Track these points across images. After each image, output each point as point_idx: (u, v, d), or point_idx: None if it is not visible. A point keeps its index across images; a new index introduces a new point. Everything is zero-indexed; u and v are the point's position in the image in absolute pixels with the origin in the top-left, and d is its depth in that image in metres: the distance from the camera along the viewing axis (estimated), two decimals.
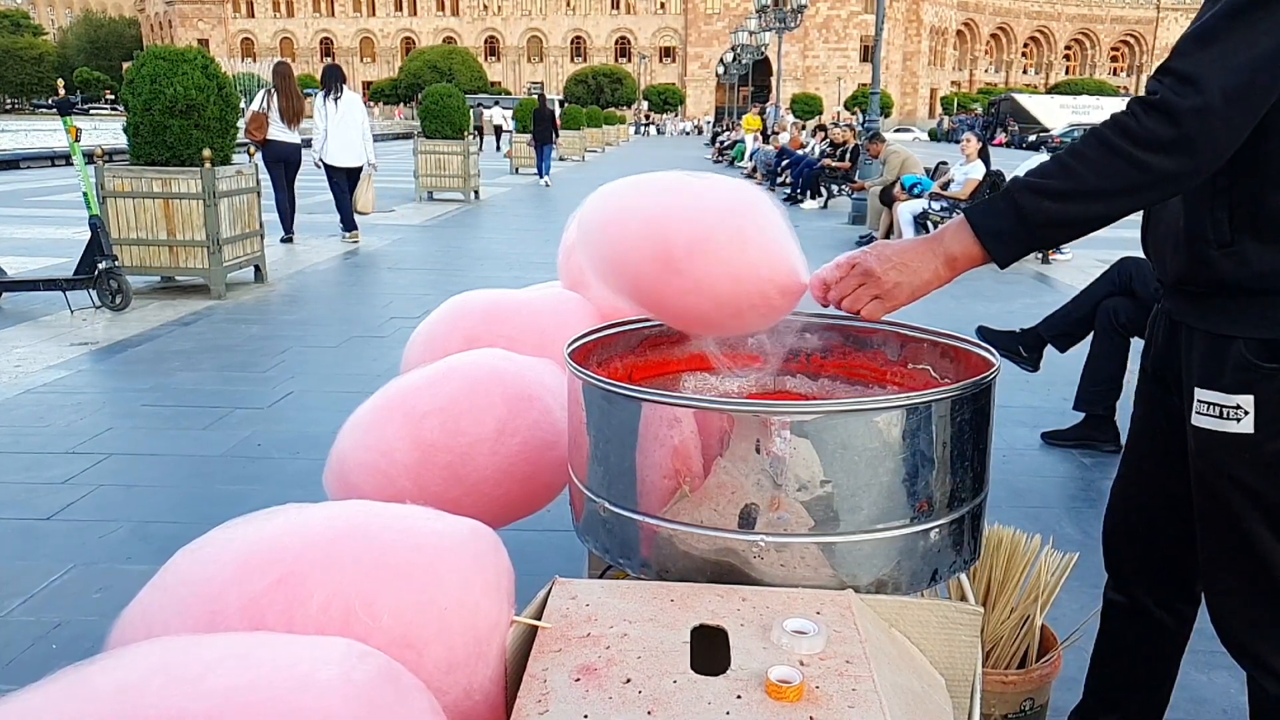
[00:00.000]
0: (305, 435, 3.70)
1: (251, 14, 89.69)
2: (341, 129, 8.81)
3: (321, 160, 8.86)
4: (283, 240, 8.72)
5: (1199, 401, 1.35)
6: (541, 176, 17.39)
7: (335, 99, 8.79)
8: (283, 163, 8.54)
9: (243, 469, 3.37)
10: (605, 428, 1.34)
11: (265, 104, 8.44)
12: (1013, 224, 1.25)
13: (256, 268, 6.87)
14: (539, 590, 1.23)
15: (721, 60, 56.49)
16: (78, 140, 5.66)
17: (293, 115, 8.53)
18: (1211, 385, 1.33)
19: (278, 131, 8.51)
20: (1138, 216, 1.54)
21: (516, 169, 19.76)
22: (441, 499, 1.69)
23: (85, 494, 3.07)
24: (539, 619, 1.13)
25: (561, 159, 20.88)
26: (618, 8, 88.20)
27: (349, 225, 9.08)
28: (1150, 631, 1.70)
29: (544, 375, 1.82)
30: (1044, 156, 9.29)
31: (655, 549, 1.31)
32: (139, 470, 3.31)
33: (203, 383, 4.39)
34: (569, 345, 1.52)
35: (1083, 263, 8.60)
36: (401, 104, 69.48)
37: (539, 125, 17.21)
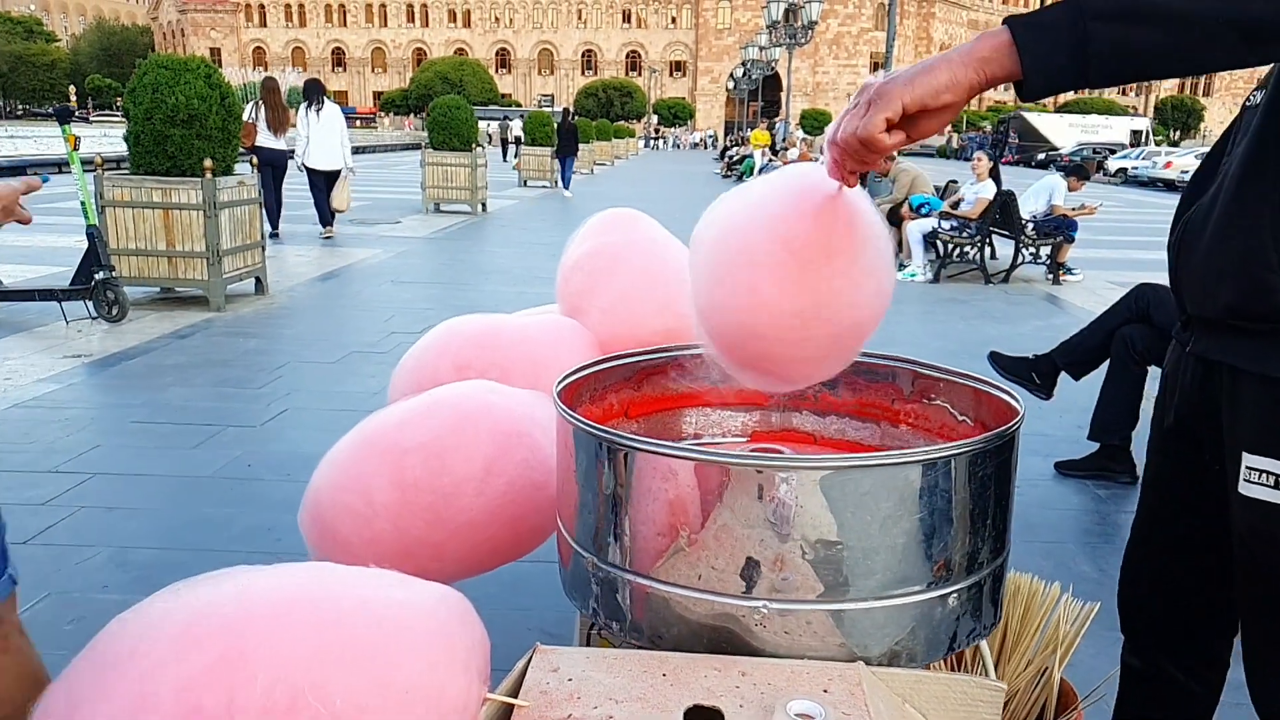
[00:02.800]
0: (297, 455, 3.60)
1: (264, 23, 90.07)
2: (322, 136, 9.83)
3: (303, 164, 9.86)
4: (269, 236, 9.06)
5: (1249, 469, 1.16)
6: (562, 188, 17.99)
7: (317, 110, 9.81)
8: (270, 167, 9.37)
9: (230, 491, 3.26)
10: (595, 477, 1.23)
11: (254, 115, 9.36)
12: (1059, 16, 0.97)
13: (258, 279, 6.78)
14: (519, 647, 1.13)
15: (732, 75, 56.56)
16: (76, 149, 5.59)
17: (278, 124, 9.52)
18: (1268, 450, 1.14)
19: (265, 139, 9.43)
20: (1160, 242, 1.39)
21: (525, 181, 19.71)
22: (422, 543, 1.58)
23: (65, 516, 2.97)
24: (516, 695, 1.02)
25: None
26: (629, 22, 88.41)
27: (325, 222, 10.12)
28: (1176, 699, 1.56)
29: (535, 410, 1.71)
30: (1054, 175, 9.21)
31: (648, 612, 1.20)
32: (122, 492, 3.21)
33: (195, 398, 4.29)
34: (558, 383, 1.41)
35: (1093, 284, 8.48)
36: (412, 114, 69.69)
37: (562, 138, 17.77)
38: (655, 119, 73.36)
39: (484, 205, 13.61)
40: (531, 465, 1.63)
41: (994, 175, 8.45)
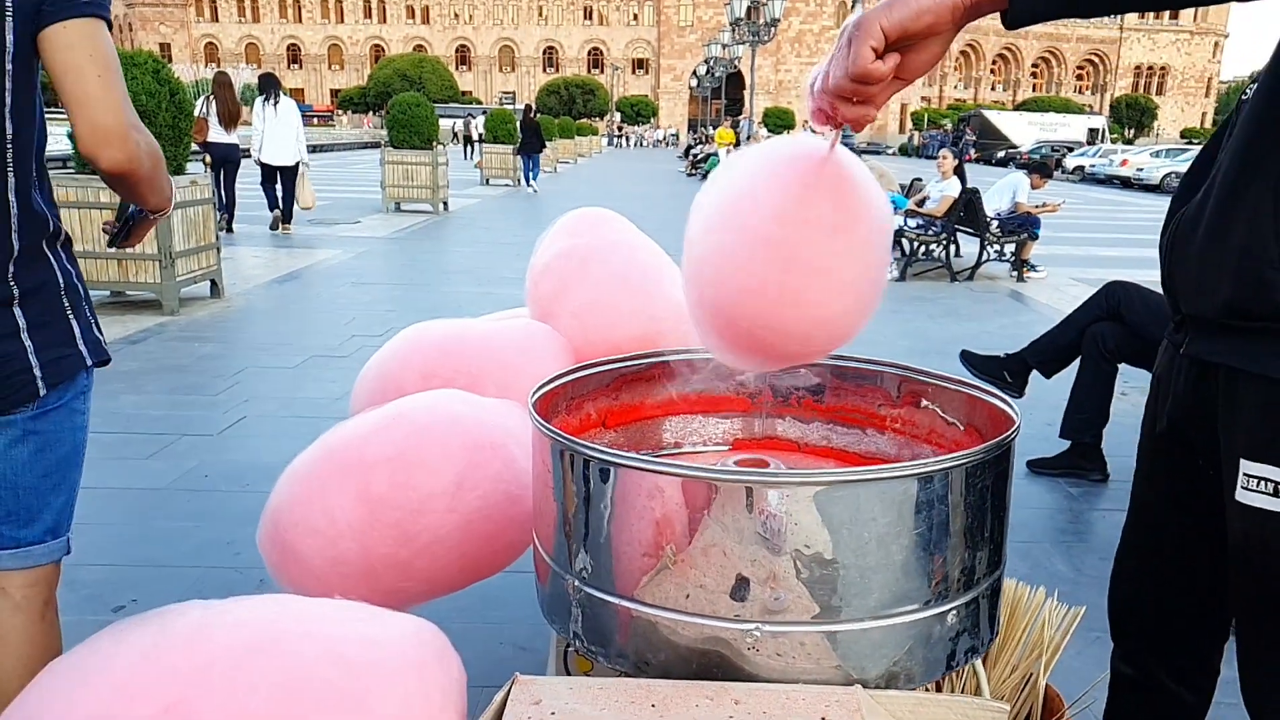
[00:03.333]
0: (257, 465, 3.49)
1: (215, 18, 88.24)
2: (278, 131, 9.90)
3: (259, 159, 9.97)
4: (223, 230, 9.27)
5: (1246, 475, 1.11)
6: (529, 184, 18.03)
7: (274, 104, 9.87)
8: (220, 162, 9.56)
9: (186, 503, 3.15)
10: (576, 495, 1.16)
11: (205, 109, 9.42)
12: None
13: (213, 282, 6.61)
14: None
15: (694, 73, 56.57)
16: None
17: (229, 119, 9.55)
18: (1265, 456, 1.09)
19: (216, 134, 9.52)
20: (1120, 239, 1.35)
21: (487, 179, 19.53)
22: (389, 562, 1.50)
23: None
24: None
25: None
26: (590, 19, 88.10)
27: (274, 207, 10.29)
28: (1168, 706, 1.52)
29: (508, 420, 1.64)
30: (1017, 173, 9.27)
31: (633, 636, 1.13)
32: None
33: (148, 407, 4.15)
34: (534, 393, 1.34)
35: (1056, 280, 8.55)
36: (370, 112, 68.85)
37: (526, 135, 17.78)
38: (618, 116, 73.23)
39: (446, 204, 13.45)
40: (505, 478, 1.55)
41: (959, 173, 8.48)
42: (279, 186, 10.26)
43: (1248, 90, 1.23)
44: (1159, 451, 1.39)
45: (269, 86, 10.06)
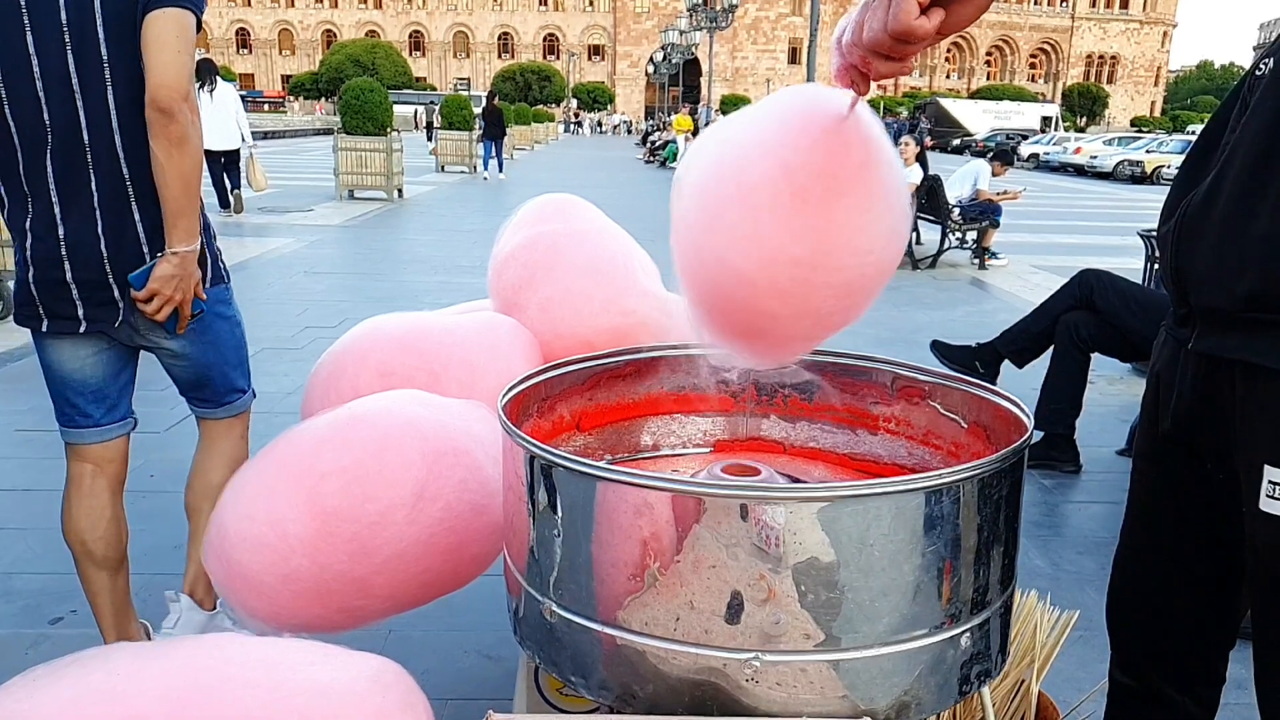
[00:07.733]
0: None
1: None
2: (216, 118, 9.67)
3: None
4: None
5: (1271, 483, 1.04)
6: (487, 170, 17.69)
7: (209, 90, 9.64)
8: None
9: (131, 506, 2.93)
10: (553, 510, 1.05)
11: None
12: None
13: None
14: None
15: (651, 59, 56.36)
16: None
17: None
18: None
19: None
20: (1078, 226, 1.26)
21: (442, 166, 19.24)
22: (346, 579, 1.38)
23: None
24: None
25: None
26: (546, 4, 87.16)
27: (224, 203, 10.26)
28: (1171, 718, 1.45)
29: (472, 422, 1.52)
30: (978, 160, 9.28)
31: (618, 666, 1.03)
32: (7, 509, 2.90)
33: None
34: (504, 397, 1.23)
35: (1018, 268, 8.57)
36: (322, 99, 67.63)
37: (489, 122, 17.61)
38: (575, 103, 72.74)
39: (400, 191, 13.20)
40: (470, 487, 1.44)
41: (921, 160, 8.46)
42: (225, 175, 10.13)
43: (1262, 65, 1.15)
44: (1161, 452, 1.31)
45: (205, 72, 9.83)
